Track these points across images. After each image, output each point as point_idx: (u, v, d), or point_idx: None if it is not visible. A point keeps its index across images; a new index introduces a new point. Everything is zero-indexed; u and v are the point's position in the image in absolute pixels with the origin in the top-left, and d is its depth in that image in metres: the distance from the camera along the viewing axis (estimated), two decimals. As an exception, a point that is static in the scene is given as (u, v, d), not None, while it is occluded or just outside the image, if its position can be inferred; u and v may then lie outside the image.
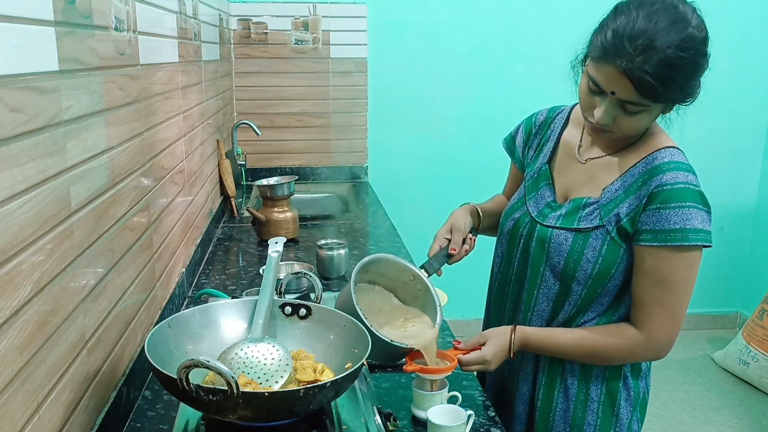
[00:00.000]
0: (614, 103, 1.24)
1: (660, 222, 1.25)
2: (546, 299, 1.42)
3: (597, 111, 1.26)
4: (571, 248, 1.35)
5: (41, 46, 0.95)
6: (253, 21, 3.46)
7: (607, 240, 1.32)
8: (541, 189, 1.46)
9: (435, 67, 3.66)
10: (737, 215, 4.09)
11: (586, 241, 1.33)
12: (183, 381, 1.01)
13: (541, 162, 1.50)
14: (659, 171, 1.28)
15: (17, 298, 0.86)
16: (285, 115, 3.58)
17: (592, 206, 1.35)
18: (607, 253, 1.32)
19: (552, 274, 1.39)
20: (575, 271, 1.35)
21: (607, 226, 1.32)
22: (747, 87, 3.87)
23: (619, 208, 1.31)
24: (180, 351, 1.24)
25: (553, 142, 1.50)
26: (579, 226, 1.35)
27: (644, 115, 1.25)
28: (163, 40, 1.76)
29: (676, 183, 1.25)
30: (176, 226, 1.87)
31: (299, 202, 3.03)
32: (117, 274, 1.29)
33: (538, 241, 1.41)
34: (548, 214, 1.42)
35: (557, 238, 1.37)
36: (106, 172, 1.23)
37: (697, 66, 1.25)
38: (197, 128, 2.28)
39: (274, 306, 1.37)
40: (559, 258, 1.37)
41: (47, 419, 0.96)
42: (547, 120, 1.54)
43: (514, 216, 1.49)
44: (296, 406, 1.09)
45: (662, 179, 1.26)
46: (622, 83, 1.20)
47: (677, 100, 1.26)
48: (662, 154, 1.31)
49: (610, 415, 1.42)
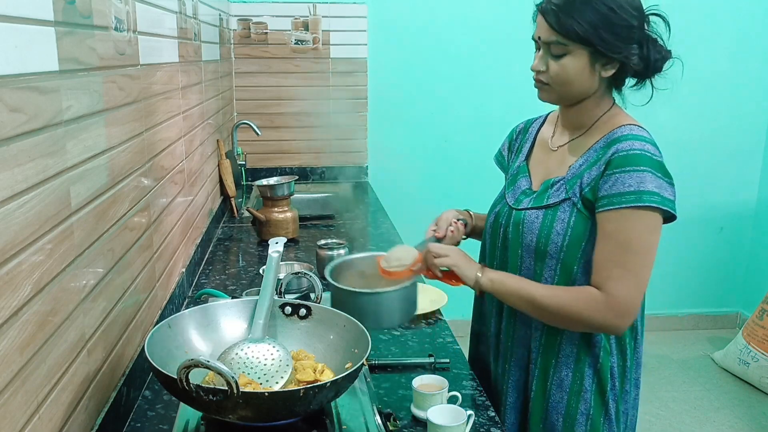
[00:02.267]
0: (544, 49, 1.37)
1: (615, 186, 1.29)
2: (527, 279, 1.43)
3: (534, 63, 1.40)
4: (542, 224, 1.40)
5: (41, 46, 0.95)
6: (253, 21, 3.46)
7: (573, 212, 1.37)
8: (518, 181, 1.52)
9: (435, 67, 3.66)
10: (737, 215, 4.09)
11: (555, 215, 1.39)
12: (183, 381, 1.01)
13: (520, 161, 1.56)
14: (617, 141, 1.34)
15: (17, 298, 0.86)
16: (285, 115, 3.57)
17: (558, 183, 1.42)
18: (575, 224, 1.36)
19: (527, 254, 1.43)
20: (547, 245, 1.38)
21: (573, 198, 1.37)
22: (747, 87, 3.87)
23: (581, 178, 1.37)
24: (180, 351, 1.24)
25: (530, 142, 1.57)
26: (548, 203, 1.41)
27: (568, 59, 1.34)
28: (163, 40, 1.76)
29: (632, 149, 1.31)
30: (176, 226, 1.87)
31: (299, 202, 3.02)
32: (117, 274, 1.29)
33: (514, 225, 1.46)
34: (522, 200, 1.47)
35: (529, 217, 1.42)
36: (106, 172, 1.23)
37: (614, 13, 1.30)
38: (197, 128, 2.28)
39: (274, 306, 1.37)
40: (531, 236, 1.41)
41: (47, 419, 0.96)
42: (526, 127, 1.63)
43: (495, 210, 1.55)
44: (296, 406, 1.09)
45: (618, 147, 1.32)
46: (543, 24, 1.35)
47: (597, 43, 1.30)
48: (622, 129, 1.37)
49: (600, 405, 1.43)
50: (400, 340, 1.69)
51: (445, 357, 1.57)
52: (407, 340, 1.70)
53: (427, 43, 3.63)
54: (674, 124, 3.65)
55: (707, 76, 3.75)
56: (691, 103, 3.73)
